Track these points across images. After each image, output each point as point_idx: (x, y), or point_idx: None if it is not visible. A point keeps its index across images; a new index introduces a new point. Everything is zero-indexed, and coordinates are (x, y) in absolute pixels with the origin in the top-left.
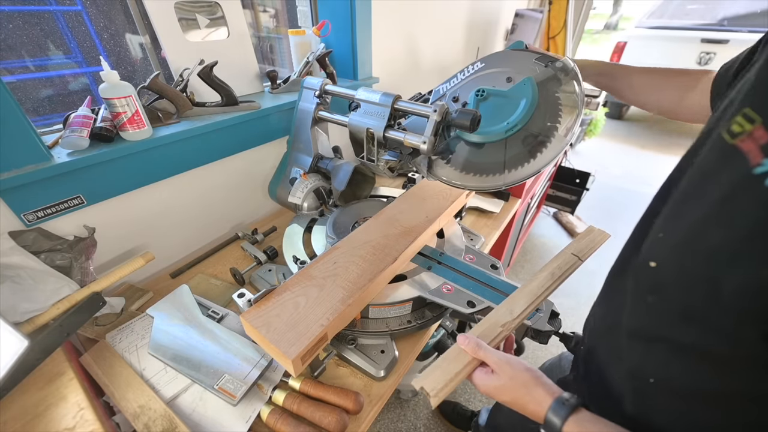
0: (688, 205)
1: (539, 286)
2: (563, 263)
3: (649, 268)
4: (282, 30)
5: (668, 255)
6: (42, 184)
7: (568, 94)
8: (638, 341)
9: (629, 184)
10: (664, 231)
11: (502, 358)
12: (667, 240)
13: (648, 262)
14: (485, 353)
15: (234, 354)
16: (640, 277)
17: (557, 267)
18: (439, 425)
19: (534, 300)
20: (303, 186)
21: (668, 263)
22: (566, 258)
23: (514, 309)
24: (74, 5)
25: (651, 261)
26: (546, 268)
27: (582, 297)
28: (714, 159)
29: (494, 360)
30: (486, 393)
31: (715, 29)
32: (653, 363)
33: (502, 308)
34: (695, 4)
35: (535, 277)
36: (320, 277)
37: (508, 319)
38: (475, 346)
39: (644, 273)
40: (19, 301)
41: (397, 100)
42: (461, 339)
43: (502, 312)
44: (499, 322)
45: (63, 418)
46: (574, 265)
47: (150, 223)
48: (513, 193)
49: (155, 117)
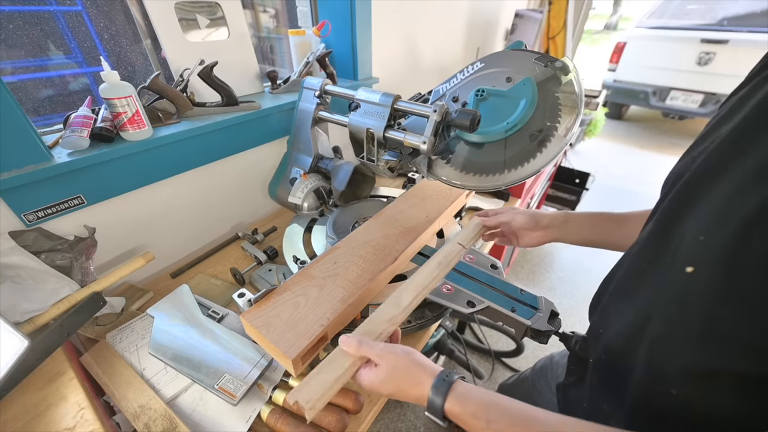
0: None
1: (427, 277)
2: (449, 253)
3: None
4: (282, 30)
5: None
6: (42, 184)
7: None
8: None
9: (629, 184)
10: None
11: (384, 348)
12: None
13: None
14: (367, 348)
15: (234, 354)
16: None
17: (444, 257)
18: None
19: (422, 291)
20: (303, 186)
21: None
22: (453, 247)
23: (401, 302)
24: (74, 5)
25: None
26: (433, 259)
27: (581, 297)
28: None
29: (376, 353)
30: (371, 389)
31: (715, 29)
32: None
33: (389, 302)
34: (695, 4)
35: (422, 269)
36: (320, 277)
37: (395, 313)
38: (357, 344)
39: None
40: (20, 301)
41: (397, 100)
42: (343, 339)
43: (389, 306)
44: (386, 317)
45: (63, 418)
46: (459, 254)
47: (150, 223)
48: (513, 193)
49: (155, 117)
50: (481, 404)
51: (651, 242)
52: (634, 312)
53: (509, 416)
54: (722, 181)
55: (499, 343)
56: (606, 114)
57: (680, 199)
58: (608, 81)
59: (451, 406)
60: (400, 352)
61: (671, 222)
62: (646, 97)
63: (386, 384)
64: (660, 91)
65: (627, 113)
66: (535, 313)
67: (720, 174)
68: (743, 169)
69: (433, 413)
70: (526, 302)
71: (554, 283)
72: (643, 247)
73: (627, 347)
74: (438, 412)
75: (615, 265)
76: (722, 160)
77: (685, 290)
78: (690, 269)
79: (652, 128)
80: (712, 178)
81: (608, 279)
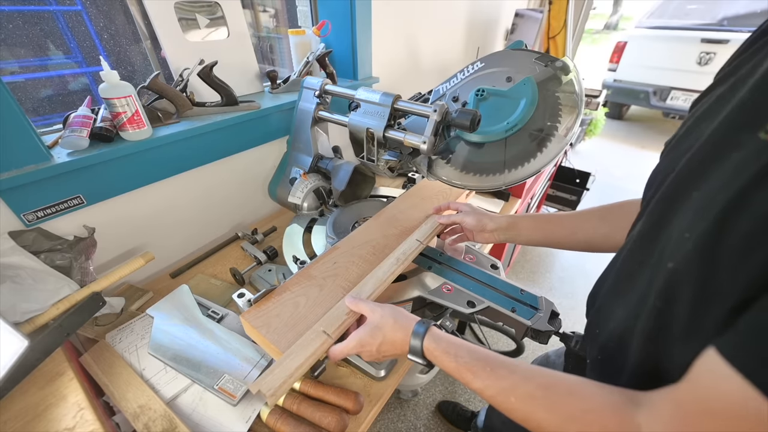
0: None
1: (386, 272)
2: (407, 249)
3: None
4: (282, 30)
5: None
6: (42, 184)
7: (568, 93)
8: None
9: (629, 184)
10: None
11: (375, 304)
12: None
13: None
14: (363, 305)
15: (234, 354)
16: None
17: (402, 253)
18: (439, 425)
19: (380, 285)
20: (303, 186)
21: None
22: (411, 243)
23: (361, 296)
24: (74, 5)
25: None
26: (392, 255)
27: (581, 297)
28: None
29: (369, 308)
30: (361, 345)
31: (715, 29)
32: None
33: (352, 293)
34: (695, 4)
35: (382, 264)
36: (320, 277)
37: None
38: (354, 303)
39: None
40: (19, 301)
41: (397, 100)
42: (348, 299)
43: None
44: (345, 310)
45: (63, 418)
46: (417, 249)
47: (150, 223)
48: (513, 193)
49: (155, 117)
50: (450, 343)
51: (641, 243)
52: (625, 312)
53: (471, 353)
54: (705, 179)
55: (499, 343)
56: (606, 114)
57: (667, 198)
58: (608, 81)
59: (428, 344)
60: (387, 306)
61: (659, 222)
62: (647, 97)
63: (375, 334)
64: (660, 91)
65: (627, 113)
66: (536, 313)
67: (703, 173)
68: (724, 168)
69: (414, 353)
70: (526, 302)
71: (554, 283)
72: (633, 248)
73: (620, 347)
74: (418, 351)
75: (608, 265)
76: (705, 160)
77: (667, 286)
78: (671, 264)
79: (652, 128)
80: (697, 178)
81: (602, 279)
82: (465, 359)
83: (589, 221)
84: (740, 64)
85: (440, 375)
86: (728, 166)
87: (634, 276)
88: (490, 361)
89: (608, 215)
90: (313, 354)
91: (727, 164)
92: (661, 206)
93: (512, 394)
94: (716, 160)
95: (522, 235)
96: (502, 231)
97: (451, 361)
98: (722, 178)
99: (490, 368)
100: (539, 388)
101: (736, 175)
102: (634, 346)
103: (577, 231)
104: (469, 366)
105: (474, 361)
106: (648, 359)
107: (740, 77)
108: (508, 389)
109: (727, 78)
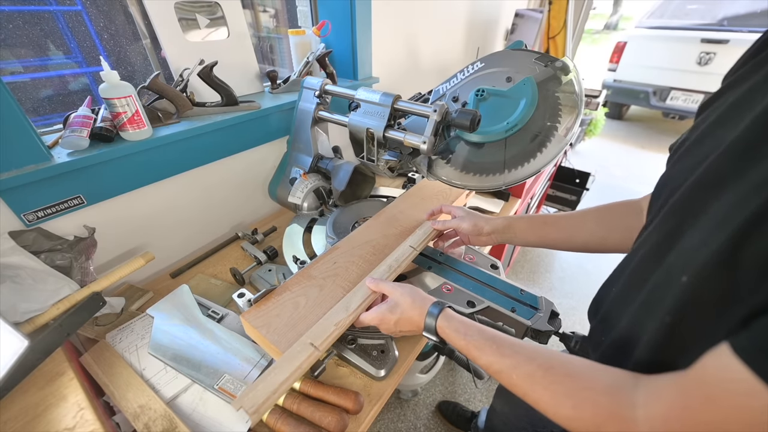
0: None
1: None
2: (400, 255)
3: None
4: (282, 30)
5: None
6: (42, 184)
7: (568, 93)
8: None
9: (629, 184)
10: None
11: (395, 284)
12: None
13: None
14: (384, 285)
15: (234, 354)
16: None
17: (395, 260)
18: (439, 425)
19: (370, 295)
20: (303, 186)
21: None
22: (404, 250)
23: (350, 306)
24: (74, 5)
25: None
26: (385, 262)
27: (581, 297)
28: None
29: (390, 288)
30: (380, 320)
31: (715, 29)
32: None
33: (338, 306)
34: (695, 4)
35: (374, 272)
36: (320, 277)
37: (342, 317)
38: (375, 284)
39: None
40: (19, 301)
41: (397, 100)
42: (368, 281)
43: (338, 310)
44: (333, 321)
45: (63, 418)
46: (410, 256)
47: (150, 223)
48: (513, 193)
49: (155, 117)
50: (461, 323)
51: (652, 254)
52: (632, 322)
53: (481, 333)
54: (727, 190)
55: None
56: (606, 114)
57: (681, 209)
58: (608, 81)
59: (441, 323)
60: (407, 286)
61: (672, 233)
62: (647, 97)
63: (394, 310)
64: (660, 91)
65: (627, 113)
66: (536, 313)
67: (724, 183)
68: (748, 180)
69: (428, 331)
70: (526, 302)
71: (554, 283)
72: (643, 258)
73: (624, 353)
74: (432, 329)
75: (615, 271)
76: (727, 170)
77: (680, 302)
78: (684, 278)
79: (652, 128)
80: (717, 188)
81: (608, 285)
82: (474, 338)
83: (585, 224)
84: (752, 69)
85: (440, 375)
86: (754, 177)
87: (643, 288)
88: (497, 340)
89: (605, 217)
90: (298, 368)
91: (753, 175)
92: (674, 217)
93: (514, 372)
94: (739, 170)
95: (518, 237)
96: (498, 233)
97: (461, 339)
98: (746, 188)
99: (496, 346)
100: (540, 369)
101: (762, 187)
102: (639, 354)
103: (573, 233)
104: (477, 344)
105: (482, 339)
106: (652, 366)
107: (756, 84)
108: (511, 367)
109: (738, 83)
